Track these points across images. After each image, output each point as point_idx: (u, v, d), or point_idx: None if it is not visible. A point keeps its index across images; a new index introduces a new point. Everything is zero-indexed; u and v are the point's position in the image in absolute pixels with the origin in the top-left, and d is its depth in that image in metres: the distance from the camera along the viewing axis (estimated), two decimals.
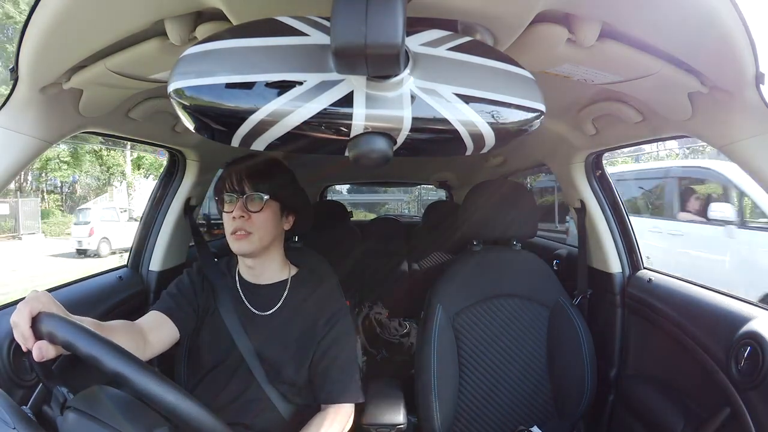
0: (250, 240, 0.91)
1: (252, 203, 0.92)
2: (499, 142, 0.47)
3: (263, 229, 0.93)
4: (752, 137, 0.72)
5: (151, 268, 1.33)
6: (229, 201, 0.93)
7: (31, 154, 0.75)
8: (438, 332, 1.18)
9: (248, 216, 0.91)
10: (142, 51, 0.67)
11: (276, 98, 0.40)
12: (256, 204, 0.92)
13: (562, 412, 1.24)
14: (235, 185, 0.92)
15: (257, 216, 0.92)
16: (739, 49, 0.58)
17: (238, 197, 0.92)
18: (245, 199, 0.91)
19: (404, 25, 0.36)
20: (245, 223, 0.91)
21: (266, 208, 0.92)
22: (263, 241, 0.94)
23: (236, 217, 0.91)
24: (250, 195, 0.91)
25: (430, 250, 2.59)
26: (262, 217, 0.92)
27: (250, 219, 0.91)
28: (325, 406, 0.94)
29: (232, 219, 0.91)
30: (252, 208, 0.91)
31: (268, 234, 0.94)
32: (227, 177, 0.94)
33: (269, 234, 0.95)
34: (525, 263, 1.31)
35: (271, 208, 0.94)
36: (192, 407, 0.51)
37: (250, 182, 0.92)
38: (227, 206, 0.93)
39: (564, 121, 1.20)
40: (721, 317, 0.96)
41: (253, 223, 0.91)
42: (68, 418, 0.54)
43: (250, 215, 0.91)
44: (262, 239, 0.93)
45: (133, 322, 0.85)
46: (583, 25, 0.61)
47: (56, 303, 0.59)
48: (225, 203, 0.93)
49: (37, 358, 0.54)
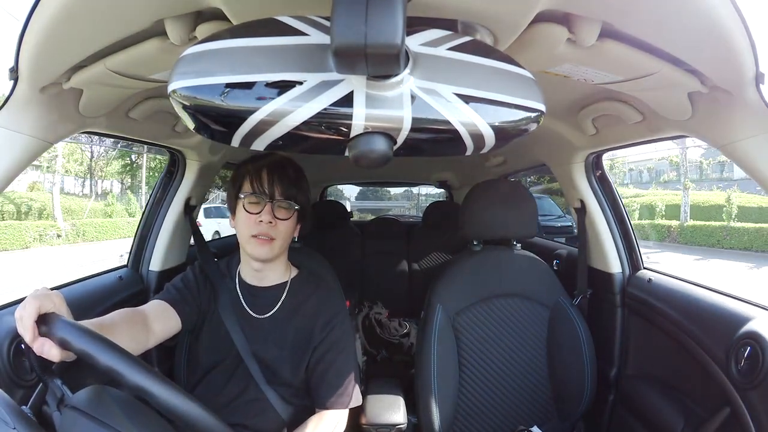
0: (272, 246, 0.90)
1: (280, 210, 0.90)
2: (499, 142, 0.47)
3: (285, 237, 0.92)
4: (752, 137, 0.72)
5: (151, 268, 1.32)
6: (255, 202, 0.90)
7: (31, 154, 0.75)
8: (438, 332, 1.18)
9: (275, 222, 0.89)
10: (142, 51, 0.66)
11: (276, 98, 0.40)
12: (285, 211, 0.90)
13: (562, 412, 1.24)
14: (265, 187, 0.89)
15: (283, 223, 0.90)
16: (739, 49, 0.58)
17: (267, 201, 0.89)
18: (274, 204, 0.89)
19: (404, 25, 0.36)
20: (271, 229, 0.89)
21: (292, 217, 0.91)
22: (282, 248, 0.93)
23: (264, 221, 0.88)
24: (280, 201, 0.89)
25: (430, 250, 2.59)
26: (287, 225, 0.91)
27: (276, 226, 0.89)
28: (318, 410, 0.93)
29: (257, 222, 0.88)
30: (280, 216, 0.89)
31: (287, 241, 0.94)
32: (253, 174, 0.90)
33: (288, 241, 0.94)
34: (525, 263, 1.30)
35: (295, 217, 0.93)
36: (209, 419, 0.51)
37: (281, 187, 0.90)
38: (252, 207, 0.89)
39: (564, 121, 1.20)
40: (721, 317, 0.96)
41: (278, 230, 0.90)
42: (66, 416, 0.54)
43: (277, 222, 0.89)
44: (282, 246, 0.93)
45: (136, 309, 0.84)
46: (583, 24, 0.61)
47: (67, 307, 0.59)
48: (250, 203, 0.90)
49: (37, 351, 0.53)
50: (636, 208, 15.45)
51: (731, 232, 12.16)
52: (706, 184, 21.33)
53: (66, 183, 18.27)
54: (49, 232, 12.31)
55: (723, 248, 12.03)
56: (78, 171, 18.62)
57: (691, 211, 13.97)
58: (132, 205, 16.79)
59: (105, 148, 17.47)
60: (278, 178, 0.90)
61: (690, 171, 22.59)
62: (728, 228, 12.30)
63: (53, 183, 14.17)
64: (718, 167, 23.62)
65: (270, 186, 0.89)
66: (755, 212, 13.20)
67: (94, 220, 14.40)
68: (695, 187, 17.92)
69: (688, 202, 13.87)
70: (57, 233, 12.52)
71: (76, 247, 12.26)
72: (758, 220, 12.33)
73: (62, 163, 14.64)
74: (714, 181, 21.10)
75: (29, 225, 11.92)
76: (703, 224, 12.95)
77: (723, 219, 12.62)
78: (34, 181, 16.82)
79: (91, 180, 18.50)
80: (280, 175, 0.90)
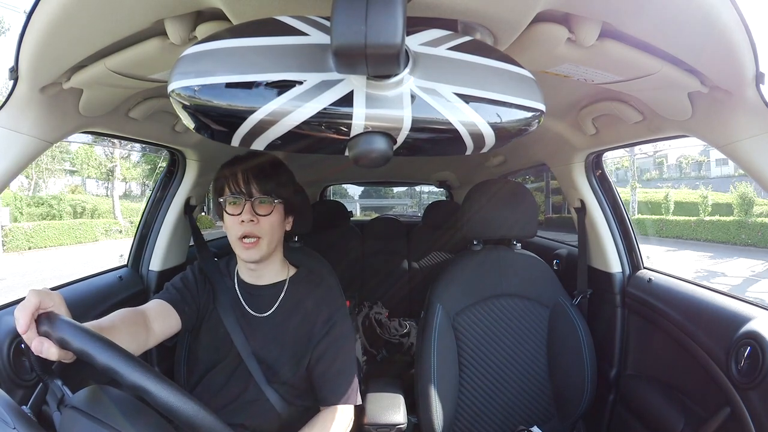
0: (259, 247, 0.89)
1: (260, 206, 0.89)
2: (499, 141, 0.47)
3: (271, 234, 0.90)
4: (752, 137, 0.72)
5: (151, 268, 1.33)
6: (234, 203, 0.89)
7: (31, 154, 0.75)
8: (438, 332, 1.18)
9: (257, 220, 0.88)
10: (142, 51, 0.66)
11: (276, 98, 0.40)
12: (265, 207, 0.89)
13: (562, 412, 1.24)
14: (241, 186, 0.89)
15: (266, 219, 0.89)
16: (739, 49, 0.58)
17: (245, 200, 0.88)
18: (253, 202, 0.88)
19: (404, 25, 0.36)
20: (254, 228, 0.88)
21: (275, 211, 0.90)
22: (271, 246, 0.92)
23: (245, 221, 0.87)
24: (258, 197, 0.88)
25: (430, 249, 2.59)
26: (271, 221, 0.89)
27: (259, 223, 0.88)
28: (325, 408, 0.93)
29: (239, 223, 0.88)
30: (261, 212, 0.88)
31: (275, 238, 0.92)
32: (230, 177, 0.90)
33: (276, 238, 0.93)
34: (525, 263, 1.30)
35: (278, 211, 0.91)
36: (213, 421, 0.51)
37: (257, 183, 0.88)
38: (232, 208, 0.89)
39: (564, 120, 1.20)
40: (721, 317, 0.96)
41: (261, 228, 0.88)
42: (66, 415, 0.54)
43: (259, 219, 0.88)
44: (270, 244, 0.91)
45: (136, 309, 0.84)
46: (584, 24, 0.61)
47: (65, 306, 0.59)
48: (229, 205, 0.90)
49: (36, 351, 0.53)
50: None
51: (667, 224, 15.55)
52: (685, 182, 24.18)
53: (88, 185, 19.48)
54: (113, 228, 15.24)
55: (661, 237, 15.31)
56: (134, 176, 20.29)
57: (679, 206, 17.34)
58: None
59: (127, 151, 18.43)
60: (253, 176, 0.89)
61: (670, 170, 27.33)
62: (665, 221, 15.73)
63: (111, 187, 17.49)
64: (696, 166, 26.43)
65: (246, 185, 0.89)
66: (724, 207, 15.92)
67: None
68: (672, 185, 21.77)
69: (636, 200, 17.62)
70: (119, 229, 15.51)
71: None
72: (716, 213, 15.16)
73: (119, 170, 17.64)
74: (693, 180, 23.90)
75: (96, 222, 14.76)
76: (645, 217, 16.75)
77: (699, 214, 15.31)
78: (76, 184, 19.28)
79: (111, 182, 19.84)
80: (256, 172, 0.90)
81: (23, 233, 11.75)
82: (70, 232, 13.15)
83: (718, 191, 18.32)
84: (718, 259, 10.76)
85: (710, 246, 12.94)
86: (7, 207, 12.19)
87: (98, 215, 15.79)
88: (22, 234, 11.70)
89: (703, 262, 10.46)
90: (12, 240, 11.48)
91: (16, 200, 13.06)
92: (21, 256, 11.13)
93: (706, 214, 14.74)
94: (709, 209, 14.92)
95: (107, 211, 16.40)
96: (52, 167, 16.75)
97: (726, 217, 13.90)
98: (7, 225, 11.62)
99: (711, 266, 10.03)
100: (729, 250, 11.96)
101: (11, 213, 12.34)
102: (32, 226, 12.22)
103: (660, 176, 26.73)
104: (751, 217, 13.18)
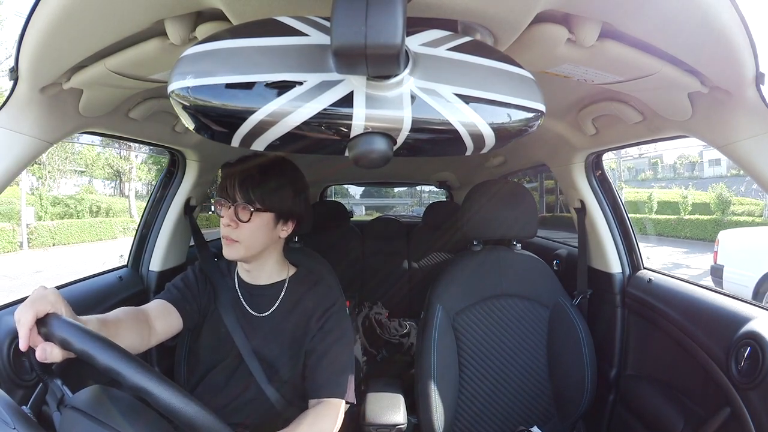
0: (236, 248, 0.90)
1: (242, 212, 0.89)
2: (499, 142, 0.47)
3: (251, 239, 0.91)
4: (752, 137, 0.72)
5: (151, 268, 1.33)
6: (221, 205, 0.91)
7: (31, 154, 0.75)
8: (438, 332, 1.18)
9: (236, 225, 0.89)
10: (142, 51, 0.66)
11: (276, 98, 0.40)
12: (245, 214, 0.89)
13: (563, 412, 1.24)
14: (228, 191, 0.90)
15: (245, 226, 0.89)
16: (739, 49, 0.58)
17: (229, 204, 0.90)
18: (236, 207, 0.89)
19: (404, 25, 0.36)
20: (232, 232, 0.89)
21: (255, 219, 0.90)
22: (251, 250, 0.92)
23: (224, 224, 0.90)
24: (240, 204, 0.89)
25: (431, 250, 2.59)
26: (250, 227, 0.90)
27: (238, 228, 0.89)
28: (315, 401, 0.90)
29: (223, 224, 0.91)
30: (241, 218, 0.89)
31: (257, 243, 0.92)
32: (225, 179, 0.93)
33: (259, 243, 0.93)
34: (525, 263, 1.30)
35: (262, 219, 0.91)
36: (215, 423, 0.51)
37: (241, 190, 0.89)
38: (219, 209, 0.92)
39: (564, 121, 1.20)
40: (721, 317, 0.96)
41: (240, 233, 0.89)
42: (66, 416, 0.54)
43: (239, 224, 0.89)
44: (249, 248, 0.91)
45: (139, 308, 0.85)
46: (583, 25, 0.61)
47: (65, 302, 0.59)
48: (217, 206, 0.92)
49: (40, 358, 0.53)
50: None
51: (649, 222, 15.62)
52: (678, 182, 24.70)
53: (96, 185, 19.97)
54: (131, 226, 15.19)
55: (643, 234, 14.99)
56: (147, 178, 20.89)
57: (666, 205, 17.52)
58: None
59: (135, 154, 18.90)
60: (240, 183, 0.90)
61: (665, 170, 27.89)
62: (647, 219, 15.74)
63: (128, 187, 17.94)
64: (689, 167, 26.99)
65: (232, 189, 0.90)
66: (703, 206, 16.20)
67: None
68: (666, 185, 22.29)
69: (623, 199, 17.06)
70: (135, 227, 15.10)
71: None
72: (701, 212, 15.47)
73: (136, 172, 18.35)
74: (686, 180, 24.32)
75: (115, 221, 15.33)
76: (630, 216, 16.88)
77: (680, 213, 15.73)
78: (85, 185, 19.79)
79: (120, 182, 20.34)
80: (244, 179, 0.90)
81: (48, 231, 12.45)
82: (90, 230, 13.95)
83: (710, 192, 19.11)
84: (691, 254, 11.04)
85: (688, 243, 13.25)
86: (32, 206, 12.74)
87: (113, 214, 16.34)
88: (47, 231, 12.40)
89: (675, 257, 10.77)
90: (37, 237, 12.07)
91: (41, 200, 13.70)
92: (45, 252, 11.70)
93: (686, 213, 15.12)
94: (689, 208, 15.29)
95: (120, 210, 16.91)
96: (63, 168, 16.96)
97: (704, 216, 14.26)
98: (32, 223, 12.21)
99: (680, 260, 10.25)
100: (705, 246, 12.24)
101: (36, 212, 12.94)
102: (56, 224, 12.92)
103: (654, 176, 27.21)
104: (728, 216, 13.53)
